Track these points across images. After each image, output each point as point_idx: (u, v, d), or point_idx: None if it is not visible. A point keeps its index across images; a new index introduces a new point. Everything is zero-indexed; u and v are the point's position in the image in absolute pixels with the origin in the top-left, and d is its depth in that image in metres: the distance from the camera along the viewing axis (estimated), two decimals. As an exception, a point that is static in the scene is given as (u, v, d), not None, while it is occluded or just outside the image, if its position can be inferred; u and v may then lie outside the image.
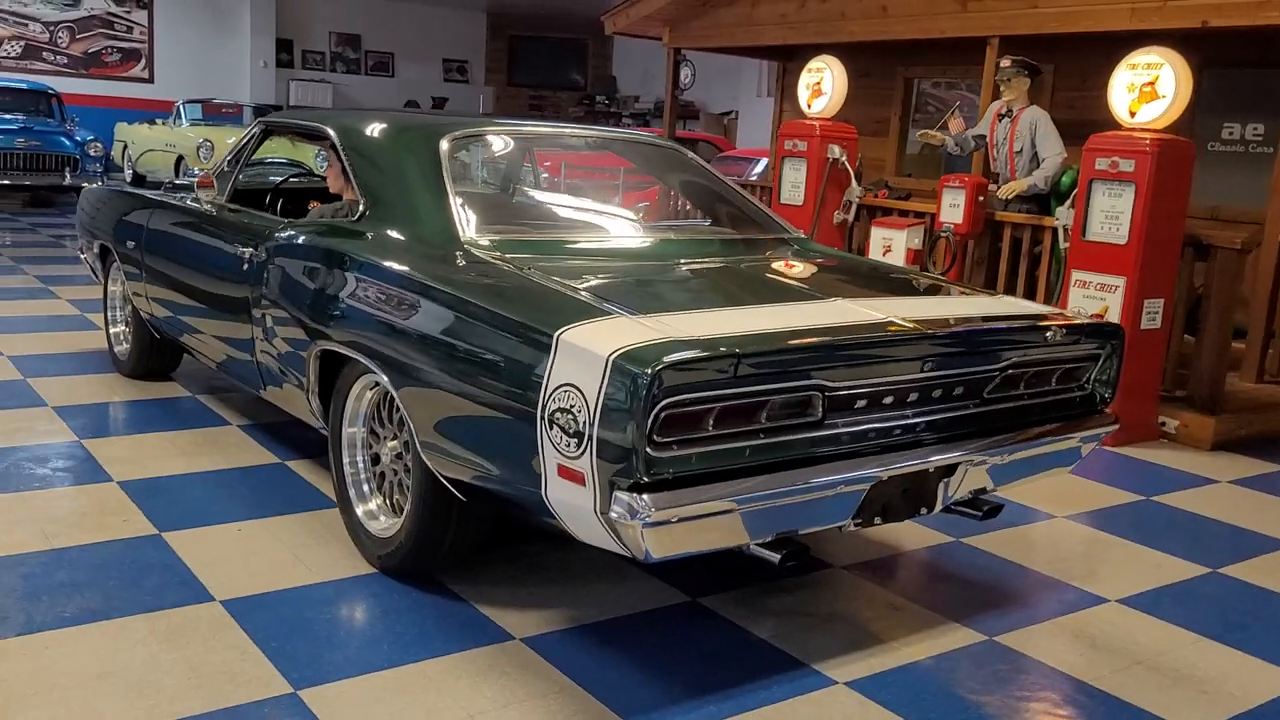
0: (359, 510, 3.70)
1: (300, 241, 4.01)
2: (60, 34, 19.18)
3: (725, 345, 2.69)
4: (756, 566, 3.86)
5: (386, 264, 3.52)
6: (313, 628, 3.22)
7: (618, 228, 4.02)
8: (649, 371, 2.53)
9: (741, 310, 3.21)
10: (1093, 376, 3.55)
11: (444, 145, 3.86)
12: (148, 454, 4.67)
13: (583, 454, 2.64)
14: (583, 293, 3.08)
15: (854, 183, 7.71)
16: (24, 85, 15.58)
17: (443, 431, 3.16)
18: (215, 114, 16.30)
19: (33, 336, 6.74)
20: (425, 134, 3.97)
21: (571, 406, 2.66)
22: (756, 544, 2.93)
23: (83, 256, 6.36)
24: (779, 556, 2.89)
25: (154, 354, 5.71)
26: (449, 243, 3.53)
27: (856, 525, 3.07)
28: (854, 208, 7.69)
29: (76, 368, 6.01)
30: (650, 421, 2.55)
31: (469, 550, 3.54)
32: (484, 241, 3.55)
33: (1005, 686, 3.13)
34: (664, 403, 2.56)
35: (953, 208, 6.85)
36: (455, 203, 3.66)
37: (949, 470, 3.19)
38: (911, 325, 3.11)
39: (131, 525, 3.89)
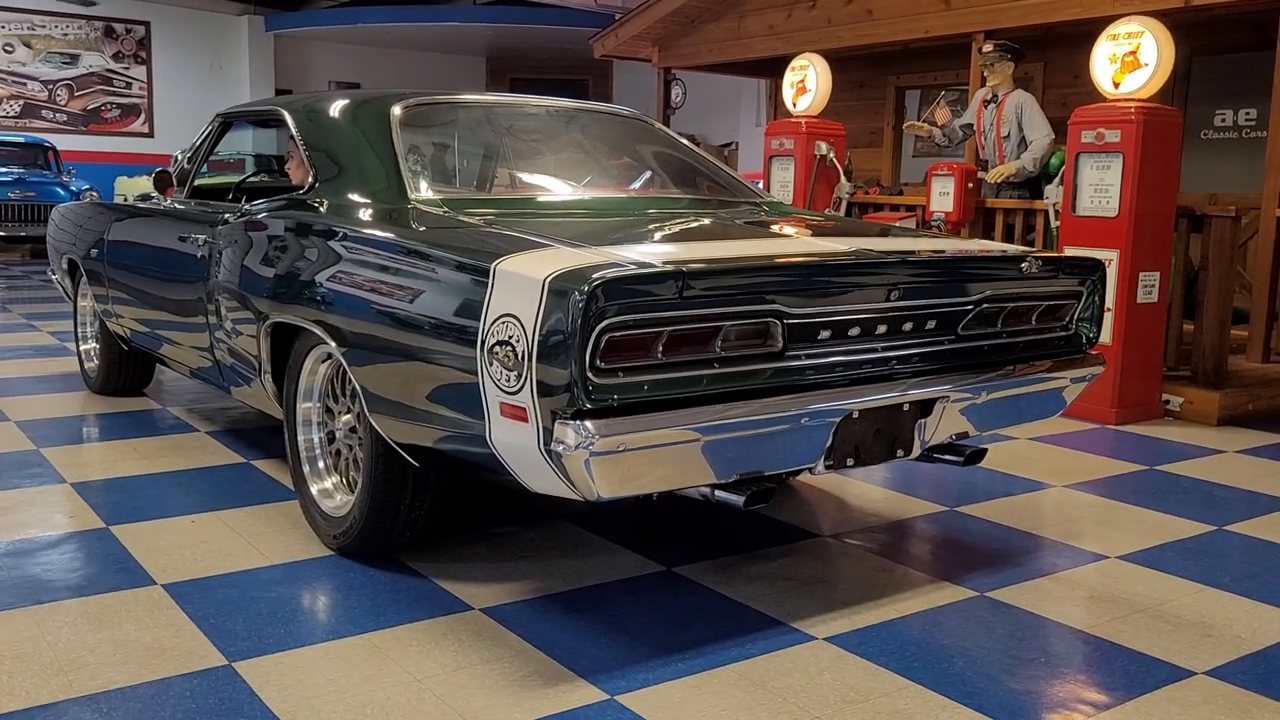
0: (314, 489, 3.52)
1: (247, 220, 3.86)
2: (59, 92, 19.23)
3: (671, 264, 2.52)
4: (737, 537, 3.68)
5: (330, 225, 3.38)
6: (257, 605, 3.03)
7: (576, 191, 3.86)
8: (586, 289, 2.36)
9: (696, 243, 3.04)
10: (1076, 315, 3.36)
11: (395, 111, 3.73)
12: (106, 458, 4.50)
13: (523, 386, 2.46)
14: (526, 234, 2.91)
15: (844, 179, 7.56)
16: (20, 139, 15.59)
17: (389, 392, 2.99)
18: (219, 167, 16.23)
19: (4, 363, 6.60)
20: (377, 102, 3.83)
21: (510, 337, 2.49)
22: (719, 488, 2.74)
23: (54, 277, 6.23)
24: (743, 498, 2.70)
25: (123, 368, 5.55)
26: (397, 201, 3.38)
27: (828, 467, 2.87)
28: (844, 204, 7.53)
29: (46, 388, 5.86)
30: (591, 345, 2.37)
31: (428, 526, 3.35)
32: (434, 199, 3.41)
33: (994, 636, 2.91)
34: (605, 324, 2.38)
35: (942, 196, 6.68)
36: (405, 164, 3.52)
37: (925, 410, 3.00)
38: (876, 252, 2.93)
39: (78, 520, 3.71)
